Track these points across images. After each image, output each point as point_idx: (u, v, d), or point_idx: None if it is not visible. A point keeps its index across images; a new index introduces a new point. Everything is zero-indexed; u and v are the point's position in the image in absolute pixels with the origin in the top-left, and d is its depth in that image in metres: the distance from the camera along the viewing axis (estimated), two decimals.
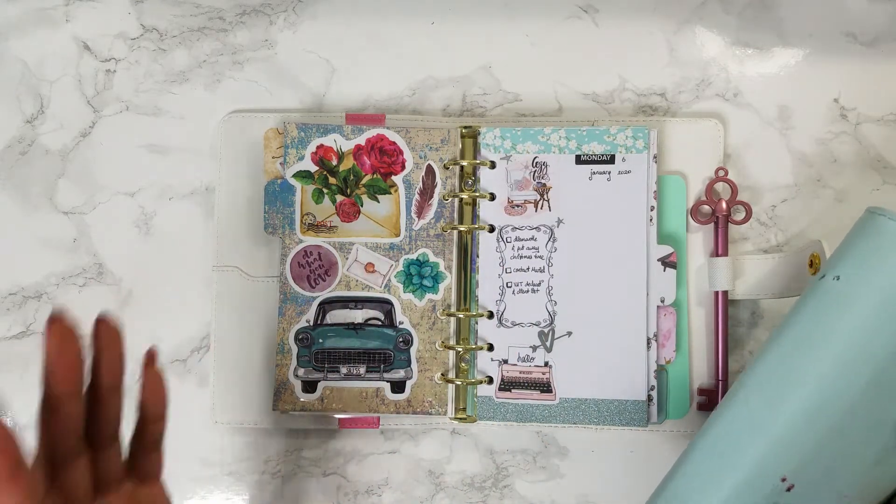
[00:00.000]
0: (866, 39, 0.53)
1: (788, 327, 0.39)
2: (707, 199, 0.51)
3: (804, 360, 0.37)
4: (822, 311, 0.38)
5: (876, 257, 0.37)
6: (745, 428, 0.38)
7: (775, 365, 0.38)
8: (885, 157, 0.53)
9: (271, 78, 0.54)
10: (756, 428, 0.37)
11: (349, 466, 0.52)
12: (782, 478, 0.36)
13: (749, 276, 0.50)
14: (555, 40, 0.54)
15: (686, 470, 0.39)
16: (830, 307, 0.38)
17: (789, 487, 0.37)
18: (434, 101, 0.54)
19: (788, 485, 0.36)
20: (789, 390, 0.37)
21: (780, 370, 0.38)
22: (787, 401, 0.37)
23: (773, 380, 0.38)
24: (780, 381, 0.38)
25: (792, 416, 0.37)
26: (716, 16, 0.54)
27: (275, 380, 0.50)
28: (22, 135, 0.54)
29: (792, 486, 0.37)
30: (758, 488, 0.37)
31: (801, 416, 0.37)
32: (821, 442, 0.36)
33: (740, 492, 0.37)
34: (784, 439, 0.37)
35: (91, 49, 0.55)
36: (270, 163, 0.52)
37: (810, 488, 0.37)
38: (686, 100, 0.53)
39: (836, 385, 0.36)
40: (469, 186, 0.52)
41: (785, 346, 0.39)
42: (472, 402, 0.50)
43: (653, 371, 0.49)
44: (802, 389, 0.37)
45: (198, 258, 0.53)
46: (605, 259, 0.50)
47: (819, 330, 0.38)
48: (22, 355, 0.53)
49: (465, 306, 0.51)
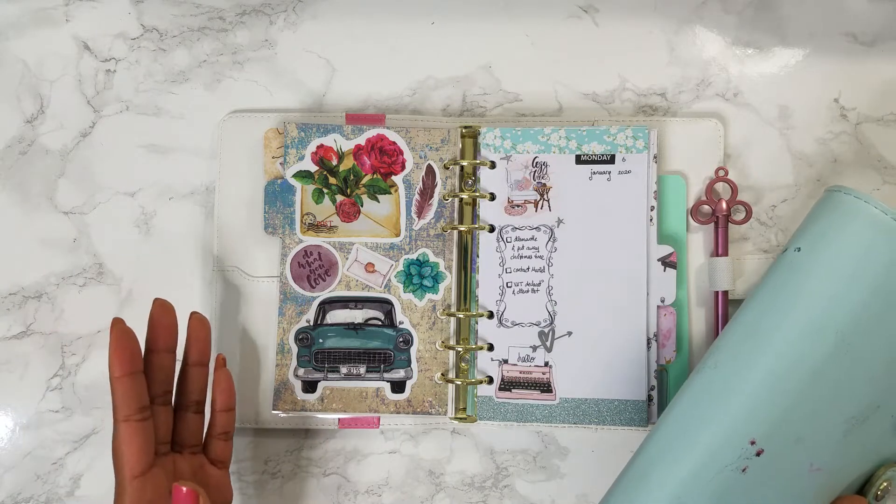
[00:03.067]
0: (866, 39, 0.53)
1: (756, 297, 0.41)
2: (707, 199, 0.51)
3: (770, 326, 0.39)
4: (785, 281, 0.40)
5: (833, 229, 0.40)
6: (716, 390, 0.39)
7: (744, 331, 0.40)
8: (885, 157, 0.53)
9: (271, 78, 0.54)
10: (726, 390, 0.39)
11: (349, 466, 0.52)
12: (751, 440, 0.37)
13: (749, 276, 0.50)
14: (555, 40, 0.54)
15: (660, 433, 0.40)
16: (792, 276, 0.40)
17: (759, 452, 0.37)
18: (434, 101, 0.54)
19: (758, 449, 0.37)
20: (757, 354, 0.39)
21: (748, 336, 0.40)
22: (755, 364, 0.38)
23: (741, 345, 0.40)
24: (749, 345, 0.39)
25: (760, 379, 0.38)
26: (716, 16, 0.54)
27: (275, 380, 0.50)
28: (22, 135, 0.54)
29: (761, 450, 0.37)
30: (728, 450, 0.38)
31: (769, 378, 0.38)
32: (789, 407, 0.38)
33: (711, 453, 0.38)
34: (752, 401, 0.38)
35: (91, 49, 0.55)
36: (270, 163, 0.52)
37: (780, 455, 0.38)
38: (686, 100, 0.53)
39: (800, 349, 0.38)
40: (469, 186, 0.52)
41: (753, 313, 0.40)
42: (473, 402, 0.50)
43: (653, 371, 0.49)
44: (769, 353, 0.38)
45: (198, 258, 0.53)
46: (605, 259, 0.50)
47: (783, 298, 0.39)
48: (22, 355, 0.53)
49: (465, 306, 0.51)
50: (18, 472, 0.52)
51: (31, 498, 0.52)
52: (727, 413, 0.38)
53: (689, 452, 0.38)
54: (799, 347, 0.38)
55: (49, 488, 0.52)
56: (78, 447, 0.52)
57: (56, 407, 0.53)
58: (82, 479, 0.52)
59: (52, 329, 0.53)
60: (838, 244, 0.39)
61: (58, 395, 0.53)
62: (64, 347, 0.53)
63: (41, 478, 0.52)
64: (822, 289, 0.39)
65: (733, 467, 0.37)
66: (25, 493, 0.52)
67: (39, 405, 0.53)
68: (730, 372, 0.39)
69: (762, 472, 0.38)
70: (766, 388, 0.38)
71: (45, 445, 0.52)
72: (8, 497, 0.52)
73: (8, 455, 0.52)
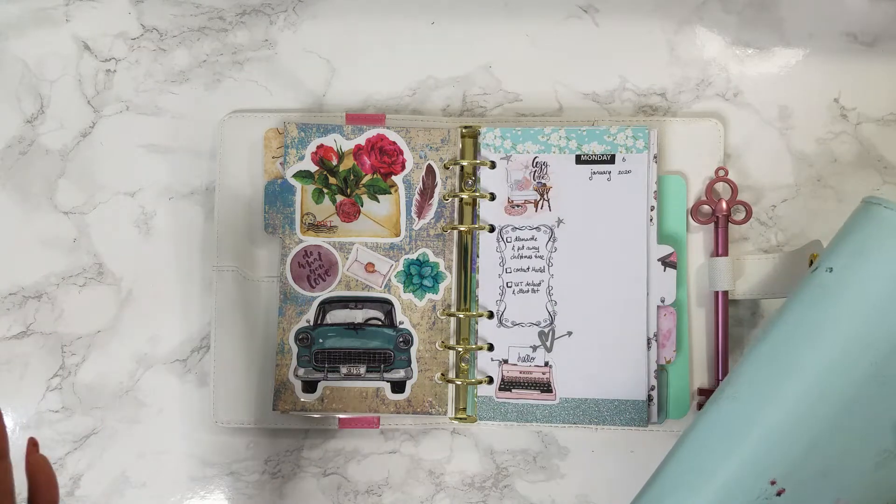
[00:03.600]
0: (866, 39, 0.53)
1: (780, 321, 0.38)
2: (707, 198, 0.51)
3: (796, 354, 0.36)
4: (814, 304, 0.37)
5: (870, 247, 0.36)
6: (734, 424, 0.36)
7: (766, 359, 0.37)
8: (886, 157, 0.53)
9: (271, 78, 0.54)
10: (744, 425, 0.36)
11: (349, 466, 0.52)
12: (771, 480, 0.35)
13: (749, 276, 0.50)
14: (555, 40, 0.54)
15: (672, 468, 0.38)
16: (822, 299, 0.36)
17: (779, 492, 0.35)
18: (434, 101, 0.54)
19: (778, 489, 0.35)
20: (780, 385, 0.36)
21: (770, 365, 0.37)
22: (778, 396, 0.36)
23: (763, 375, 0.37)
24: (771, 375, 0.36)
25: (782, 414, 0.35)
26: (716, 16, 0.54)
27: (275, 380, 0.50)
28: (22, 135, 0.54)
29: (782, 490, 0.35)
30: (745, 490, 0.35)
31: (792, 413, 0.35)
32: (814, 441, 0.35)
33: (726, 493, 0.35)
34: (773, 438, 0.35)
35: (91, 49, 0.55)
36: (270, 163, 0.52)
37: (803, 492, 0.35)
38: (686, 100, 0.53)
39: (830, 381, 0.35)
40: (469, 186, 0.52)
41: (776, 340, 0.37)
42: (473, 402, 0.50)
43: (653, 371, 0.49)
44: (794, 384, 0.35)
45: (198, 258, 0.53)
46: (605, 259, 0.50)
47: (811, 323, 0.36)
48: (22, 355, 0.53)
49: (466, 306, 0.51)
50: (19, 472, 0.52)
51: None
52: (745, 450, 0.35)
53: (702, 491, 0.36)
54: (828, 378, 0.35)
55: None
56: (78, 447, 0.52)
57: (56, 407, 0.53)
58: (82, 479, 0.52)
59: (52, 329, 0.53)
60: (875, 264, 0.35)
61: (58, 395, 0.53)
62: (64, 347, 0.53)
63: None
64: (857, 313, 0.35)
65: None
66: (25, 493, 0.52)
67: (39, 405, 0.53)
68: (749, 404, 0.36)
69: None
70: (789, 424, 0.35)
71: (45, 445, 0.52)
72: None
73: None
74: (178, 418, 0.52)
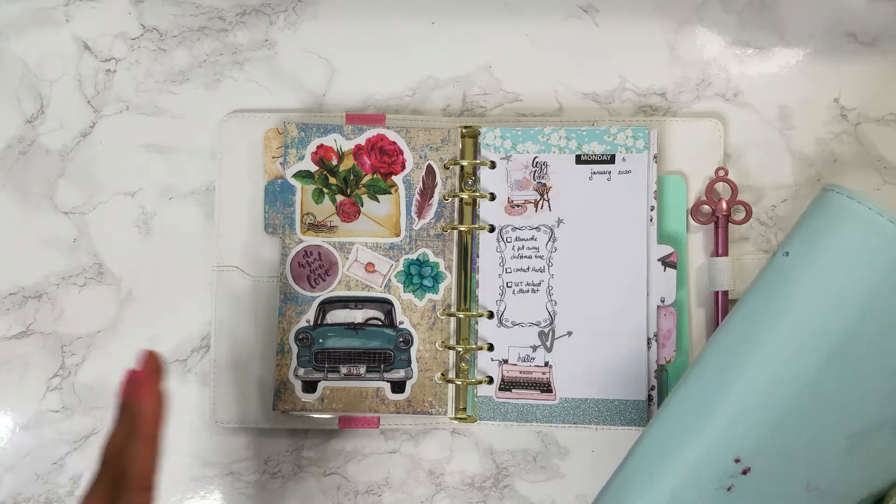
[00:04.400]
0: (866, 39, 0.53)
1: (743, 303, 0.38)
2: (707, 198, 0.51)
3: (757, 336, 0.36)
4: (771, 288, 0.37)
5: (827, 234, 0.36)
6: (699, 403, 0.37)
7: (728, 341, 0.37)
8: (886, 157, 0.53)
9: (271, 78, 0.54)
10: (709, 404, 0.36)
11: (349, 466, 0.52)
12: (736, 458, 0.35)
13: (749, 276, 0.50)
14: (555, 40, 0.54)
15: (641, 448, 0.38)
16: (779, 283, 0.37)
17: (745, 470, 0.35)
18: (434, 100, 0.54)
19: (744, 467, 0.35)
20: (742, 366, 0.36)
21: (734, 346, 0.37)
22: (740, 377, 0.36)
23: (725, 356, 0.37)
24: (733, 356, 0.37)
25: (744, 392, 0.36)
26: (716, 16, 0.54)
27: (275, 380, 0.50)
28: (22, 135, 0.54)
29: (748, 469, 0.35)
30: (710, 467, 0.35)
31: (753, 391, 0.35)
32: (778, 423, 0.35)
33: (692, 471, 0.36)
34: (737, 416, 0.35)
35: (91, 49, 0.55)
36: (270, 163, 0.52)
37: (770, 473, 0.36)
38: (686, 100, 0.53)
39: (788, 361, 0.35)
40: (469, 186, 0.52)
41: (737, 323, 0.38)
42: (473, 402, 0.50)
43: (653, 371, 0.49)
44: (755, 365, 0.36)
45: (198, 258, 0.53)
46: (605, 259, 0.50)
47: (768, 306, 0.37)
48: (22, 355, 0.53)
49: (466, 306, 0.51)
50: (18, 472, 0.52)
51: (31, 498, 0.52)
52: (710, 429, 0.36)
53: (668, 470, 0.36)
54: (788, 360, 0.35)
55: (49, 488, 0.52)
56: (78, 447, 0.52)
57: (56, 407, 0.53)
58: (82, 479, 0.52)
59: (52, 329, 0.53)
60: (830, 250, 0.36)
61: (58, 395, 0.53)
62: (64, 347, 0.53)
63: (41, 478, 0.52)
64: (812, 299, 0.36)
65: (717, 486, 0.35)
66: (25, 493, 0.52)
67: (39, 405, 0.53)
68: (713, 384, 0.37)
69: (750, 491, 0.36)
70: (751, 403, 0.35)
71: (45, 445, 0.52)
72: (8, 497, 0.52)
73: (8, 455, 0.52)
74: (178, 418, 0.52)
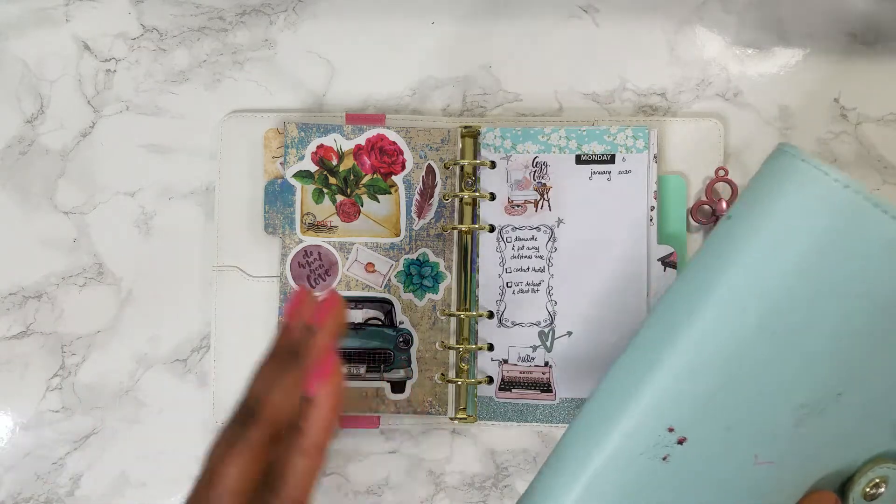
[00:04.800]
0: (866, 39, 0.53)
1: (685, 270, 0.37)
2: (707, 198, 0.51)
3: (691, 301, 0.35)
4: (710, 252, 0.36)
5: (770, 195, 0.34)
6: (634, 370, 0.36)
7: (666, 306, 0.36)
8: (885, 157, 0.53)
9: (271, 78, 0.54)
10: (642, 370, 0.35)
11: (349, 466, 0.52)
12: (669, 427, 0.34)
13: None
14: (555, 40, 0.54)
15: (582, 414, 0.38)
16: (717, 246, 0.35)
17: (680, 440, 0.34)
18: (434, 100, 0.54)
19: (679, 437, 0.34)
20: (675, 332, 0.35)
21: (669, 311, 0.36)
22: (673, 343, 0.34)
23: (662, 321, 0.36)
24: (668, 322, 0.35)
25: (676, 359, 0.34)
26: (716, 16, 0.54)
27: None
28: (22, 135, 0.54)
29: (683, 438, 0.34)
30: (642, 436, 0.34)
31: (685, 359, 0.34)
32: (710, 392, 0.34)
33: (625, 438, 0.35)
34: (669, 384, 0.34)
35: (91, 49, 0.55)
36: (270, 163, 0.52)
37: (709, 445, 0.34)
38: (686, 100, 0.53)
39: (719, 329, 0.34)
40: (469, 186, 0.52)
41: (678, 287, 0.36)
42: (473, 402, 0.50)
43: None
44: (687, 332, 0.34)
45: (198, 258, 0.53)
46: (605, 259, 0.50)
47: (707, 269, 0.35)
48: (22, 355, 0.53)
49: (466, 306, 0.51)
50: (18, 472, 0.52)
51: (31, 498, 0.52)
52: (642, 395, 0.34)
53: (603, 438, 0.35)
54: (717, 326, 0.34)
55: (49, 488, 0.52)
56: (78, 447, 0.52)
57: (56, 407, 0.53)
58: (82, 479, 0.52)
59: (52, 329, 0.53)
60: (767, 212, 0.34)
61: (58, 395, 0.53)
62: (64, 347, 0.53)
63: (41, 478, 0.52)
64: (743, 263, 0.34)
65: (650, 455, 0.34)
66: (25, 493, 0.52)
67: (39, 405, 0.53)
68: (648, 350, 0.35)
69: (688, 462, 0.34)
70: (683, 370, 0.34)
71: (45, 445, 0.52)
72: (8, 497, 0.52)
73: (8, 455, 0.52)
74: (178, 418, 0.52)
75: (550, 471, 0.37)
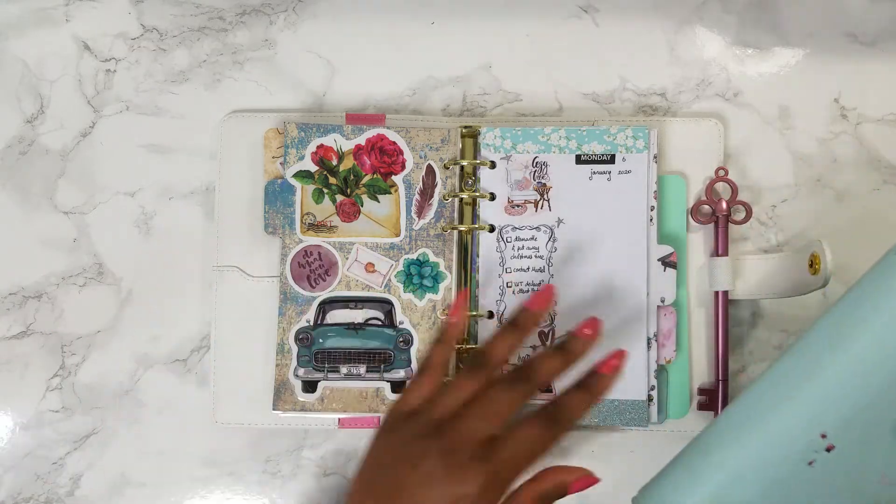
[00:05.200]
0: (866, 39, 0.53)
1: (853, 290, 0.39)
2: (707, 198, 0.51)
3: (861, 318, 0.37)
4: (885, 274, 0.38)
5: None
6: (794, 375, 0.37)
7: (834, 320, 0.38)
8: (885, 157, 0.53)
9: (271, 78, 0.54)
10: (803, 376, 0.37)
11: (349, 466, 0.52)
12: (822, 433, 0.36)
13: (749, 276, 0.50)
14: (555, 40, 0.54)
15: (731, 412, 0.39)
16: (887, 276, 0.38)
17: (829, 447, 0.36)
18: (434, 101, 0.54)
19: (828, 444, 0.36)
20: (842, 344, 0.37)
21: (837, 325, 0.38)
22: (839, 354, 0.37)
23: (829, 332, 0.38)
24: (835, 334, 0.37)
25: (840, 369, 0.36)
26: (716, 16, 0.54)
27: (275, 380, 0.50)
28: (22, 135, 0.54)
29: (832, 446, 0.36)
30: (796, 438, 0.36)
31: (849, 370, 0.36)
32: (866, 406, 0.36)
33: (779, 438, 0.36)
34: (829, 392, 0.36)
35: (91, 49, 0.55)
36: (270, 163, 0.52)
37: (851, 456, 0.36)
38: (686, 100, 0.53)
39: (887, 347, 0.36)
40: (469, 186, 0.52)
41: (846, 305, 0.38)
42: None
43: (653, 371, 0.49)
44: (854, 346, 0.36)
45: (198, 258, 0.53)
46: (605, 259, 0.50)
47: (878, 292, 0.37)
48: (22, 355, 0.53)
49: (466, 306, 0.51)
50: (18, 472, 0.52)
51: (31, 498, 0.52)
52: (801, 399, 0.36)
53: (755, 434, 0.37)
54: (886, 344, 0.36)
55: (49, 488, 0.52)
56: (78, 447, 0.52)
57: (56, 407, 0.53)
58: (82, 479, 0.52)
59: (52, 329, 0.53)
60: None
61: (58, 395, 0.53)
62: (64, 347, 0.53)
63: (41, 478, 0.52)
64: None
65: (800, 458, 0.36)
66: (25, 493, 0.52)
67: (39, 405, 0.53)
68: (811, 357, 0.37)
69: (830, 469, 0.36)
70: (846, 380, 0.36)
71: (45, 445, 0.52)
72: (8, 497, 0.52)
73: (8, 455, 0.52)
74: (178, 418, 0.52)
75: (698, 451, 0.39)
